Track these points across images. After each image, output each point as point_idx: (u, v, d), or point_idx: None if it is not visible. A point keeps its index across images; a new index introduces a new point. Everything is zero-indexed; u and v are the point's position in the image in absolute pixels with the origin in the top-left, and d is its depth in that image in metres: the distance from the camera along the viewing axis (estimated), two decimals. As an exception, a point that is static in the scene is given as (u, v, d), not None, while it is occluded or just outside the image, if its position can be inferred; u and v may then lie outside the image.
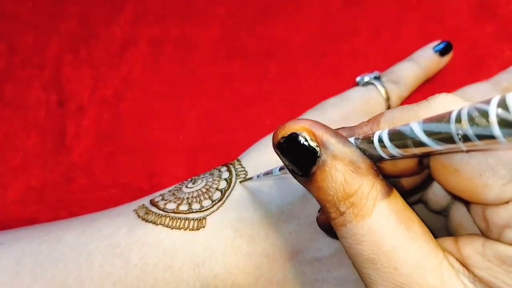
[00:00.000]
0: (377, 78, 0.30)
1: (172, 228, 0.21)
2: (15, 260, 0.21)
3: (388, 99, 0.29)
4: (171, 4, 0.37)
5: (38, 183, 0.30)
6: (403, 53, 0.33)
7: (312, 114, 0.28)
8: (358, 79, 0.31)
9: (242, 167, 0.24)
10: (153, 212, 0.22)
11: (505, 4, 0.34)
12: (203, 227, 0.21)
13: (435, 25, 0.34)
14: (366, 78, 0.30)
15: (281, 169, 0.19)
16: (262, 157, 0.25)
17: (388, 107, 0.30)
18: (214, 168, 0.26)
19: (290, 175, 0.16)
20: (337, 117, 0.27)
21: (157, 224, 0.21)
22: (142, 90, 0.33)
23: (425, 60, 0.31)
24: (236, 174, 0.24)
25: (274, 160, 0.21)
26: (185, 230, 0.21)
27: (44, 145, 0.31)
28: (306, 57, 0.34)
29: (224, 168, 0.25)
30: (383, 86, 0.29)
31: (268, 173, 0.20)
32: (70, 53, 0.35)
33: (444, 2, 0.35)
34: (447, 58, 0.31)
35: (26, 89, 0.34)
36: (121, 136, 0.32)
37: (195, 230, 0.21)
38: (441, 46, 0.31)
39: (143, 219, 0.22)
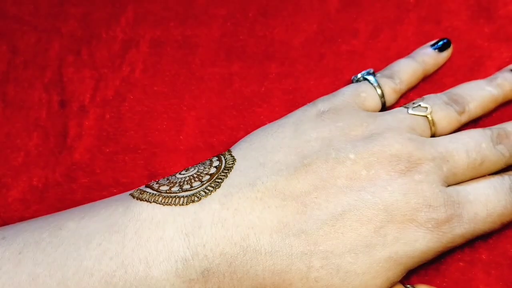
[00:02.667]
0: (371, 74, 0.30)
1: (164, 205, 0.23)
2: (18, 251, 0.21)
3: (383, 95, 0.29)
4: (172, 5, 0.37)
5: (40, 182, 0.30)
6: (402, 54, 0.33)
7: (302, 108, 0.28)
8: (352, 78, 0.31)
9: (232, 156, 0.25)
10: (147, 192, 0.24)
11: (503, 5, 0.34)
12: (192, 202, 0.23)
13: (434, 26, 0.34)
14: (359, 76, 0.30)
15: None
16: (250, 147, 0.26)
17: (384, 104, 0.29)
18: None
19: None
20: (327, 108, 0.27)
21: (150, 202, 0.23)
22: (143, 90, 0.34)
23: (422, 55, 0.31)
24: (225, 162, 0.25)
25: (260, 149, 0.25)
26: (175, 205, 0.23)
27: (46, 145, 0.32)
28: (305, 58, 0.34)
29: (215, 158, 0.26)
30: (376, 80, 0.29)
31: None
32: (72, 54, 0.35)
33: (443, 3, 0.35)
34: (446, 54, 0.31)
35: (28, 89, 0.34)
36: (122, 136, 0.32)
37: (185, 205, 0.23)
38: (440, 43, 0.31)
39: (137, 198, 0.23)
